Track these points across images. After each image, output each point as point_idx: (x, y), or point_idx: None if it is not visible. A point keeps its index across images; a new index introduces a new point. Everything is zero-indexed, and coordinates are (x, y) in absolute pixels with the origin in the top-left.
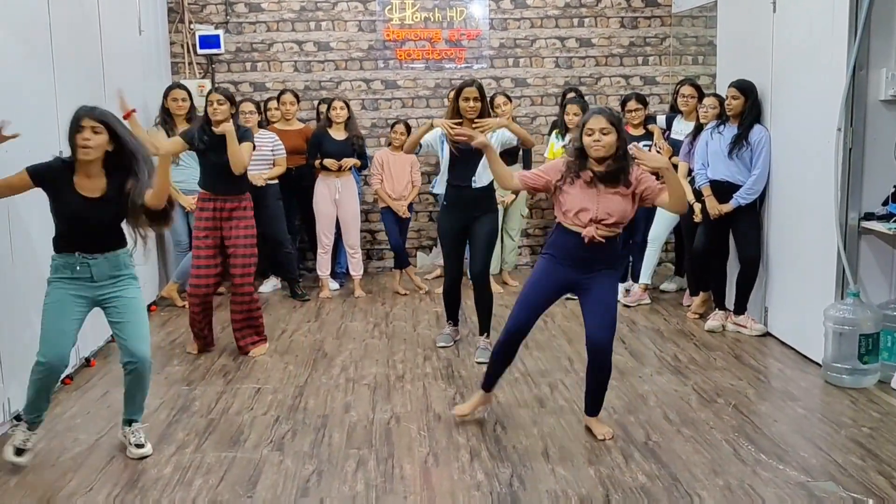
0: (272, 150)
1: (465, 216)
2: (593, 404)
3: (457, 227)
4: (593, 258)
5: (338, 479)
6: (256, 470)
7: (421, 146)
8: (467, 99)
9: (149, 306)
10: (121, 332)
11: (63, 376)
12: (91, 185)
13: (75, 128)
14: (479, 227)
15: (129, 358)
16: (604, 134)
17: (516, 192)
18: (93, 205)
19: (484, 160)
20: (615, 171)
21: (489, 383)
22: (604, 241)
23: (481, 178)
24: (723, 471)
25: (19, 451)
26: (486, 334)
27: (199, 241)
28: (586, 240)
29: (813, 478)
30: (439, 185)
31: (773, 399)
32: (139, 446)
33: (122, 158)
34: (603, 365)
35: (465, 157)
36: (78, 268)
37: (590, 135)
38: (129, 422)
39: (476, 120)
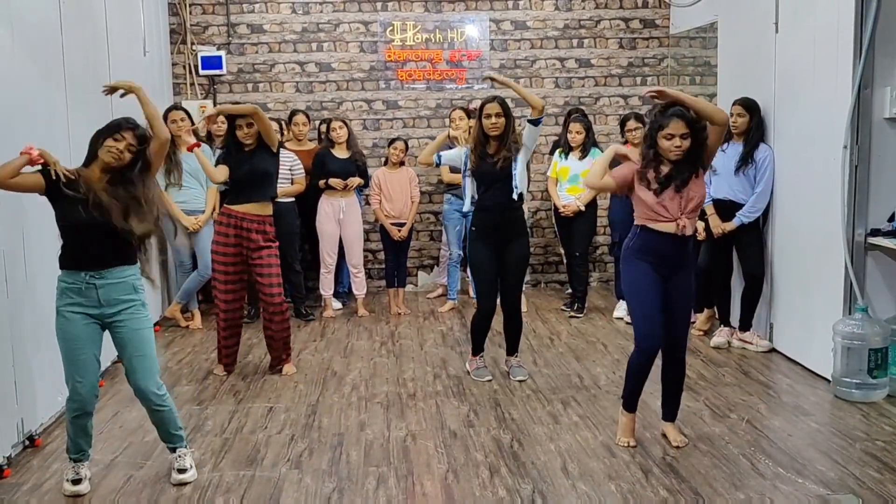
0: (290, 169)
1: (498, 242)
2: (671, 407)
3: (492, 256)
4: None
5: (360, 497)
6: (276, 488)
7: (441, 158)
8: (489, 115)
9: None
10: (126, 364)
11: None
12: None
13: (112, 133)
14: (514, 252)
15: (136, 392)
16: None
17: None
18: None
19: (521, 167)
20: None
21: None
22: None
23: (522, 180)
24: (743, 485)
25: (76, 481)
26: (516, 354)
27: (227, 259)
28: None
29: (833, 491)
30: (468, 206)
31: (785, 414)
32: (181, 471)
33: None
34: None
35: (489, 178)
36: (83, 288)
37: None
38: (172, 448)
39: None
